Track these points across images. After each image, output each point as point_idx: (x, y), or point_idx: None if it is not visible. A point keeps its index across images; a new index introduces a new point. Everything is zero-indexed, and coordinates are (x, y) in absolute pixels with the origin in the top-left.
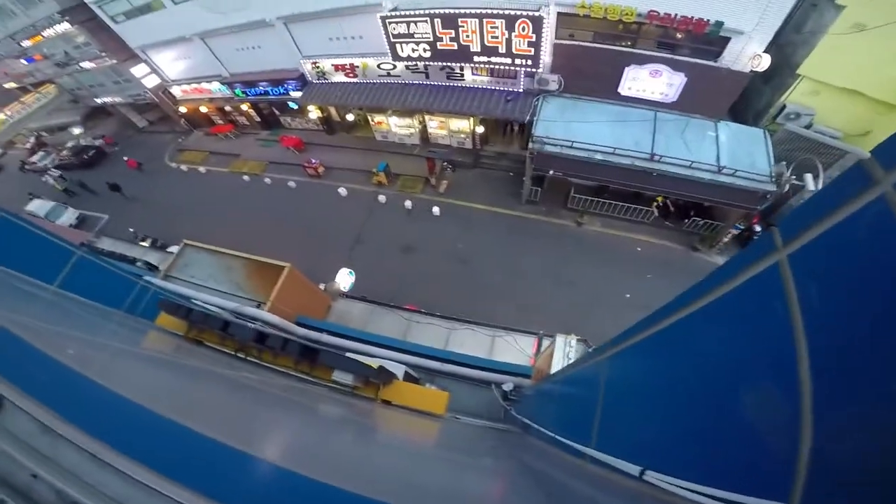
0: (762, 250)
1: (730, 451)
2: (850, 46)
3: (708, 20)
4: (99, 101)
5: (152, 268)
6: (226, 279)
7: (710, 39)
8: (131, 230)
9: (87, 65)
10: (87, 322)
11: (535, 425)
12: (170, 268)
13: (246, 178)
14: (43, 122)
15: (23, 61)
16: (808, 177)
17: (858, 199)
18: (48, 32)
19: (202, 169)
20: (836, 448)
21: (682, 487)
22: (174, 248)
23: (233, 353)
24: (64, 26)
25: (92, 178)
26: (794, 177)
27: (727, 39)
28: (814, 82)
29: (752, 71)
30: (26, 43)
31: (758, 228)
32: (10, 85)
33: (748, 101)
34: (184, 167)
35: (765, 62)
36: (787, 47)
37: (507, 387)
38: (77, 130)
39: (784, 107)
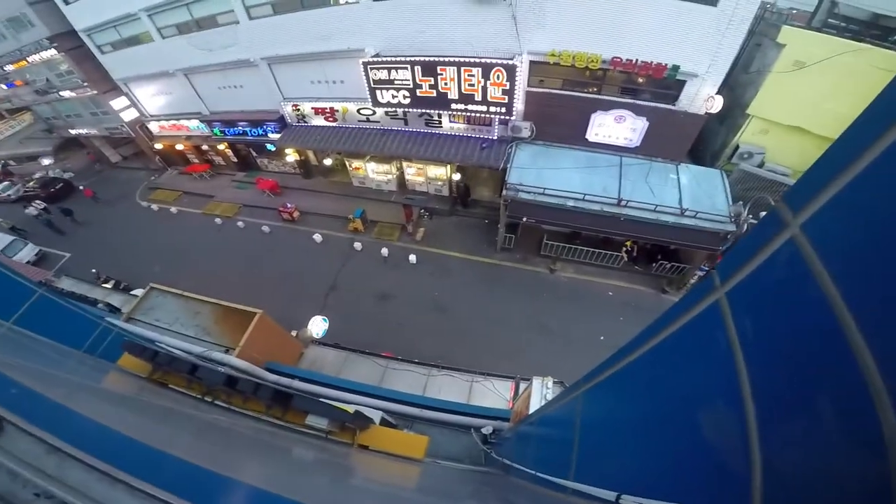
0: (706, 290)
1: (694, 470)
2: (792, 84)
3: (666, 65)
4: (74, 132)
5: (114, 310)
6: (193, 324)
7: (668, 83)
8: (93, 270)
9: (67, 94)
10: (44, 359)
11: (516, 465)
12: (133, 310)
13: (218, 220)
14: (12, 151)
15: (2, 86)
16: (763, 215)
17: (774, 242)
18: (34, 58)
19: (173, 209)
20: (783, 461)
21: None
22: (138, 291)
23: (199, 396)
24: (50, 52)
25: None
26: (751, 216)
27: (683, 83)
28: (762, 121)
29: (707, 113)
30: (9, 67)
31: None
32: None
33: (705, 142)
34: (154, 206)
35: (718, 103)
36: (737, 88)
37: (487, 430)
38: (47, 161)
39: (738, 147)
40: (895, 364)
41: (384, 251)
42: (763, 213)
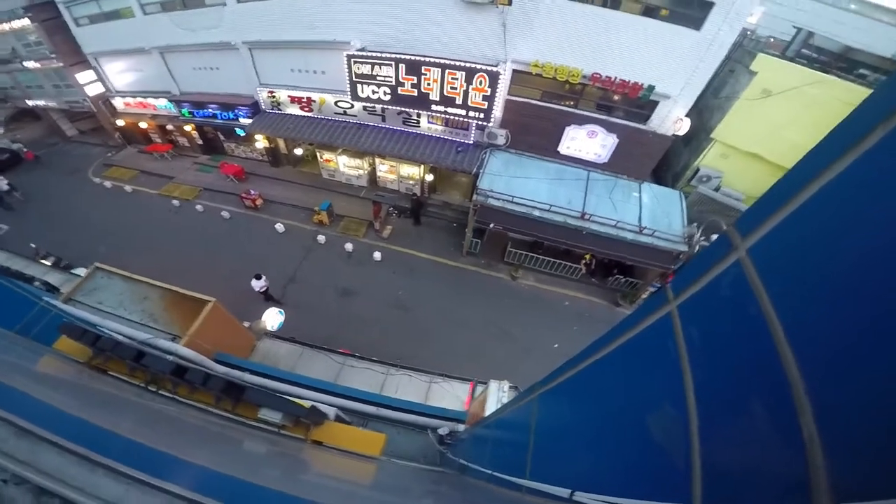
0: (659, 302)
1: (642, 466)
2: (756, 111)
3: (642, 84)
4: (31, 103)
5: (52, 289)
6: (139, 309)
7: (641, 103)
8: (32, 245)
9: (31, 64)
10: None
11: (472, 465)
12: (73, 291)
13: (176, 202)
14: None
15: None
16: (715, 238)
17: (723, 262)
18: (3, 27)
19: (128, 188)
20: (720, 457)
21: (606, 502)
22: (81, 271)
23: (143, 385)
24: (23, 22)
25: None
26: (703, 238)
27: (656, 103)
28: (724, 146)
29: (674, 134)
30: None
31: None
32: None
33: (669, 163)
34: (108, 183)
35: (685, 126)
36: (705, 112)
37: (443, 431)
38: None
39: (698, 170)
40: (816, 375)
41: (349, 246)
42: (714, 236)
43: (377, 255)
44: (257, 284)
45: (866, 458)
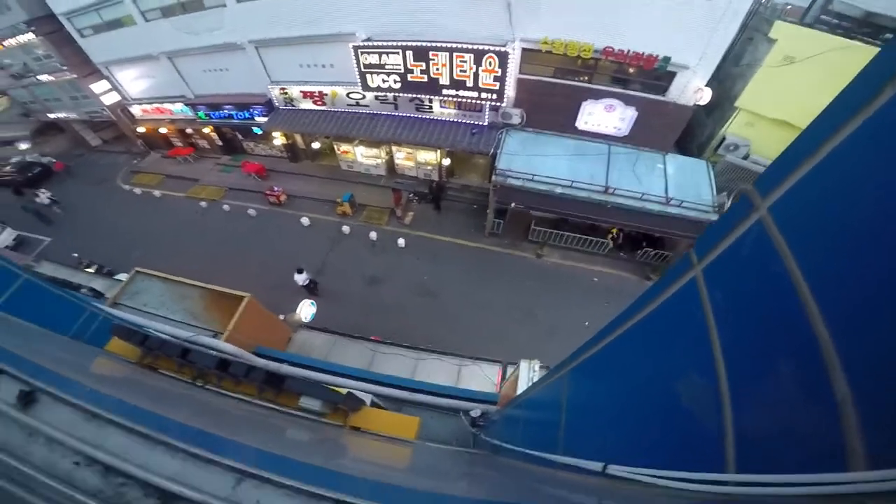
0: (684, 267)
1: (674, 435)
2: (780, 78)
3: (657, 56)
4: (52, 116)
5: (98, 295)
6: (180, 308)
7: (658, 75)
8: (75, 255)
9: (44, 78)
10: (32, 344)
11: (505, 445)
12: (118, 295)
13: (203, 203)
14: None
15: None
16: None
17: (745, 222)
18: (10, 42)
19: (157, 193)
20: (751, 421)
21: (639, 474)
22: (122, 276)
23: (190, 380)
24: (28, 37)
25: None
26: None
27: (674, 74)
28: (749, 114)
29: (695, 104)
30: None
31: None
32: None
33: (692, 133)
34: (137, 190)
35: (706, 95)
36: (726, 81)
37: (475, 413)
38: (24, 146)
39: (724, 139)
40: (845, 330)
41: (373, 235)
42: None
43: (401, 242)
44: (300, 278)
45: None
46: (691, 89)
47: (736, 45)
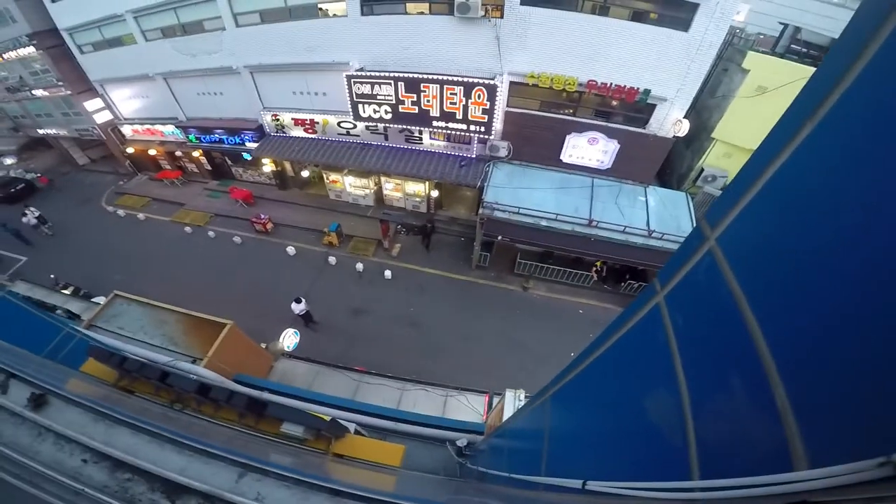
0: (649, 295)
1: (645, 449)
2: (754, 108)
3: (638, 88)
4: (42, 132)
5: (73, 316)
6: (158, 333)
7: (639, 107)
8: (52, 276)
9: (39, 93)
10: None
11: (491, 471)
12: (95, 317)
13: (188, 229)
14: None
15: None
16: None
17: (698, 252)
18: (10, 55)
19: (141, 216)
20: (711, 432)
21: (616, 488)
22: (100, 299)
23: (168, 404)
24: (28, 50)
25: (15, 213)
26: None
27: (654, 106)
28: (726, 145)
29: (674, 136)
30: None
31: None
32: None
33: (673, 166)
34: (121, 212)
35: (685, 127)
36: (703, 112)
37: (462, 443)
38: (9, 161)
39: (702, 170)
40: (783, 348)
41: (359, 266)
42: None
43: (388, 274)
44: (297, 308)
45: (834, 424)
46: (670, 121)
47: (712, 76)
